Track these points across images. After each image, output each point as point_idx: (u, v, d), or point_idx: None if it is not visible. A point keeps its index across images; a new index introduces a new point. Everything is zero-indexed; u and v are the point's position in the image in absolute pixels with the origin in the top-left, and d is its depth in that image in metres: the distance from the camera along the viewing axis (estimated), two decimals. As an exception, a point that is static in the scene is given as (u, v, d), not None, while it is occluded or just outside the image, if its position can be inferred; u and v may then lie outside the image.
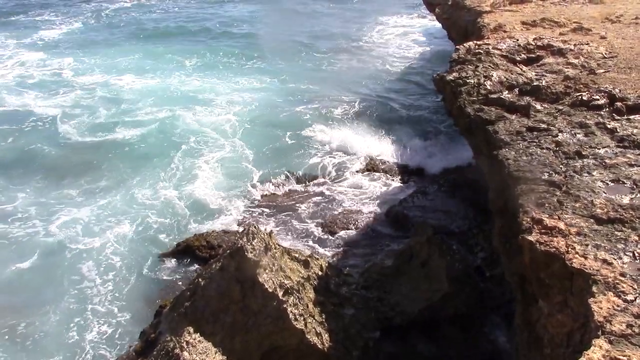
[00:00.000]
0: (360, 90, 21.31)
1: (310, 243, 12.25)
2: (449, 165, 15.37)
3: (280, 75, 23.15)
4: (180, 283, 10.87)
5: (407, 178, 15.17)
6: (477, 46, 9.51)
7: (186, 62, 25.11)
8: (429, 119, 18.92)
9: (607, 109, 6.84)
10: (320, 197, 13.98)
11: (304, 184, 14.75)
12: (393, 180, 14.94)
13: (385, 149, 16.54)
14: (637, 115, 6.56)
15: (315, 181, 14.86)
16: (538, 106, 7.32)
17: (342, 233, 12.55)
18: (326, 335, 8.17)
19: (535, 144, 6.41)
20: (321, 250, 11.94)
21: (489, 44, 9.52)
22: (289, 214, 13.18)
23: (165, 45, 28.08)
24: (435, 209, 12.65)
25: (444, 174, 14.93)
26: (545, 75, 8.18)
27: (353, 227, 12.76)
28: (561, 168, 5.81)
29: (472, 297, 9.36)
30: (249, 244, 8.24)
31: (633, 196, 5.15)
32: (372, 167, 15.68)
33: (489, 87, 7.97)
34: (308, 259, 9.27)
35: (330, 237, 12.44)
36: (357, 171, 15.34)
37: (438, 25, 20.27)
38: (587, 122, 6.63)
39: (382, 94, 21.11)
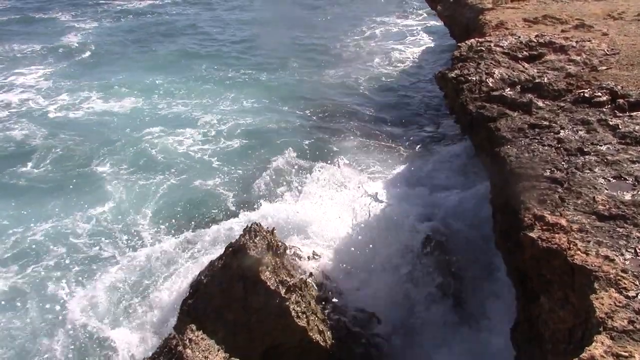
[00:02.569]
0: (360, 105, 20.10)
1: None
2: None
3: (275, 87, 21.83)
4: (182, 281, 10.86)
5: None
6: (478, 43, 9.50)
7: (171, 75, 22.96)
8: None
9: (609, 106, 6.84)
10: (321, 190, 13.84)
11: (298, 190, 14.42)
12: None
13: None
14: (639, 112, 6.56)
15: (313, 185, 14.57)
16: (540, 103, 7.32)
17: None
18: (328, 332, 8.19)
19: (537, 140, 6.42)
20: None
21: (490, 41, 9.51)
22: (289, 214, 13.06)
23: (165, 51, 27.09)
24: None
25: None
26: (547, 72, 8.18)
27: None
28: (563, 165, 5.82)
29: (474, 294, 9.36)
30: (251, 241, 8.25)
31: (635, 192, 5.15)
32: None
33: (490, 84, 7.96)
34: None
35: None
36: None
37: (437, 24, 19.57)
38: (589, 118, 6.63)
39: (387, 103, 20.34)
